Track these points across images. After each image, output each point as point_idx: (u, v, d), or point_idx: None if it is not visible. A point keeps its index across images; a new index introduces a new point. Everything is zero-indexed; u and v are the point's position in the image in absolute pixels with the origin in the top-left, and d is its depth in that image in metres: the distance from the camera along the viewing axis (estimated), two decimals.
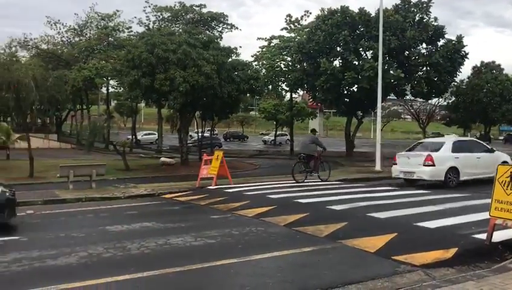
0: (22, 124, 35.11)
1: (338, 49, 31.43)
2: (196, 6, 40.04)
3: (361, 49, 31.15)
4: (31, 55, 45.47)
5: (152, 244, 8.36)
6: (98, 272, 6.88)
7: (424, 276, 6.36)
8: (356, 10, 30.83)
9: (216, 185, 16.48)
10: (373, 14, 30.33)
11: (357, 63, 30.52)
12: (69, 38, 45.88)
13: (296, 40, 35.76)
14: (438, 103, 54.01)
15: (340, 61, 31.70)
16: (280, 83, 38.79)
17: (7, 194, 10.21)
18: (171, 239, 8.70)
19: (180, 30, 31.90)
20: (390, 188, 15.73)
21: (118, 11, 43.99)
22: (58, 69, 34.03)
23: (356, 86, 30.41)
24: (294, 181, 16.60)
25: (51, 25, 44.33)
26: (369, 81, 27.51)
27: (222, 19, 40.57)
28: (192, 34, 26.41)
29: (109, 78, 43.01)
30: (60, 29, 44.88)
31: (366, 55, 31.36)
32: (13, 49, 42.86)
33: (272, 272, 6.72)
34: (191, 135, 43.75)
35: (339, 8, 30.94)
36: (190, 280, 6.55)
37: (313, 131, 18.98)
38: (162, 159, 29.14)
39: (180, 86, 22.82)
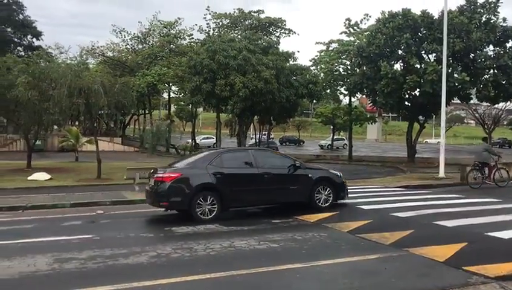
0: (90, 128, 36.95)
1: (399, 52, 30.74)
2: (254, 12, 40.55)
3: (423, 52, 30.30)
4: (97, 62, 47.82)
5: (217, 246, 8.55)
6: (167, 271, 7.15)
7: (500, 289, 6.11)
8: (418, 13, 30.05)
9: None
10: (436, 16, 29.45)
11: (419, 66, 29.70)
12: (133, 46, 47.83)
13: (356, 43, 35.31)
14: (505, 107, 51.35)
15: (402, 64, 30.98)
16: (339, 87, 38.44)
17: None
18: (235, 242, 8.86)
19: (239, 36, 32.38)
20: (456, 195, 15.17)
21: (179, 18, 45.43)
22: (124, 76, 35.52)
23: (418, 90, 29.60)
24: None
25: (116, 33, 46.47)
26: (432, 85, 26.72)
27: (280, 24, 40.80)
28: (252, 40, 26.76)
29: (170, 84, 44.36)
30: (125, 37, 46.94)
31: (429, 58, 30.45)
32: (84, 57, 45.38)
33: (338, 279, 6.70)
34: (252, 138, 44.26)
35: (400, 10, 30.26)
36: (257, 283, 6.65)
37: (485, 139, 20.37)
38: None
39: (240, 91, 23.18)
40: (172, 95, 51.65)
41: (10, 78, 23.00)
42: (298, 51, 43.51)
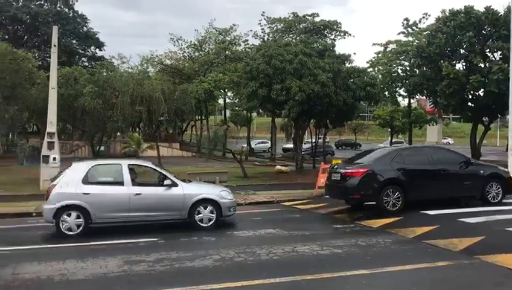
0: (151, 134, 38.15)
1: (461, 51, 29.48)
2: (309, 15, 40.38)
3: (487, 50, 28.90)
4: (156, 70, 49.35)
5: (280, 251, 8.56)
6: (232, 275, 7.24)
7: None
8: (481, 10, 28.71)
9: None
10: (501, 13, 28.00)
11: (483, 65, 28.34)
12: (190, 54, 48.94)
13: (415, 44, 34.29)
14: None
15: (464, 64, 29.70)
16: (397, 89, 37.46)
17: None
18: (298, 247, 8.83)
19: (294, 40, 32.34)
20: None
21: (234, 25, 45.92)
22: (182, 83, 36.46)
23: (482, 90, 28.23)
24: None
25: (174, 41, 47.69)
26: (498, 84, 25.39)
27: (335, 27, 40.37)
28: (307, 44, 26.62)
29: (226, 90, 44.96)
30: (182, 45, 48.07)
31: (494, 56, 28.99)
32: (144, 66, 47.00)
33: (407, 286, 6.52)
34: (307, 142, 44.02)
35: (462, 8, 29.06)
36: (323, 289, 6.59)
37: None
38: (278, 167, 29.62)
39: (296, 95, 23.07)
40: (227, 100, 52.33)
41: (77, 88, 24.20)
42: (354, 53, 42.66)
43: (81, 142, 39.06)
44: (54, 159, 19.31)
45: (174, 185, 11.03)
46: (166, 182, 11.02)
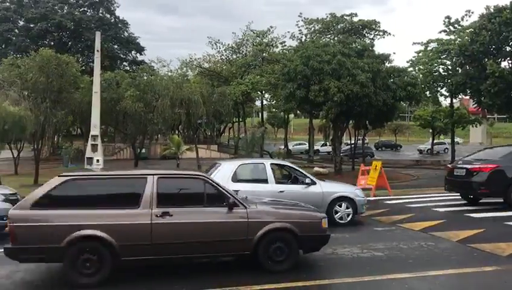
0: (190, 136, 38.72)
1: (507, 49, 28.41)
2: (347, 15, 39.94)
3: None
4: (195, 73, 50.04)
5: (319, 253, 8.48)
6: (272, 275, 7.23)
7: None
8: None
9: (375, 196, 16.13)
10: None
11: None
12: (228, 56, 49.39)
13: (457, 42, 33.30)
14: None
15: (510, 62, 28.61)
16: (439, 88, 36.47)
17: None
18: (338, 249, 8.74)
19: (332, 41, 32.07)
20: None
21: (271, 27, 46.03)
22: (220, 86, 36.84)
23: None
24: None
25: (212, 45, 48.28)
26: None
27: (374, 26, 39.78)
28: (346, 44, 26.34)
29: (264, 92, 45.06)
30: (220, 48, 48.61)
31: None
32: (183, 69, 47.78)
33: None
34: (346, 143, 43.62)
35: (508, 4, 27.98)
36: None
37: None
38: (316, 168, 29.46)
39: (335, 96, 22.88)
40: (265, 102, 52.44)
41: (119, 91, 24.85)
42: (394, 53, 41.77)
43: (123, 144, 40.05)
44: (97, 161, 19.96)
45: (313, 183, 11.39)
46: (307, 180, 11.37)
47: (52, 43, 50.33)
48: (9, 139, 21.47)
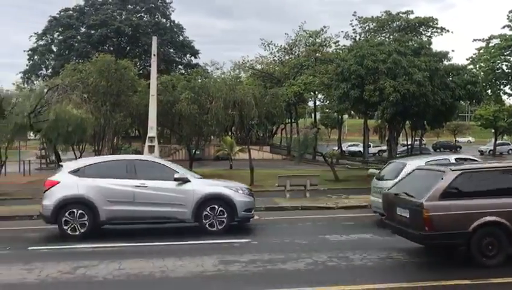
0: (243, 138, 39.02)
1: None
2: (402, 13, 38.90)
3: None
4: (247, 75, 50.43)
5: (374, 257, 8.31)
6: (324, 279, 7.16)
7: None
8: None
9: None
10: None
11: None
12: (280, 57, 49.40)
13: None
14: None
15: None
16: (502, 87, 34.76)
17: None
18: (393, 253, 8.52)
19: (388, 39, 31.33)
20: None
21: (324, 27, 45.57)
22: (272, 87, 36.92)
23: None
24: None
25: (265, 46, 48.47)
26: None
27: (431, 23, 38.51)
28: (402, 42, 25.66)
29: (316, 92, 44.68)
30: (272, 49, 48.71)
31: None
32: (236, 71, 48.33)
33: None
34: (402, 144, 42.50)
35: None
36: None
37: None
38: (370, 170, 28.78)
39: (391, 96, 22.34)
40: (318, 103, 52.02)
41: (175, 94, 25.42)
42: (453, 50, 40.35)
43: (178, 145, 40.96)
44: None
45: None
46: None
47: (112, 48, 52.41)
48: (73, 140, 22.44)
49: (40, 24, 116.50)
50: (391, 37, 35.45)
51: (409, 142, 36.20)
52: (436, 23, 38.39)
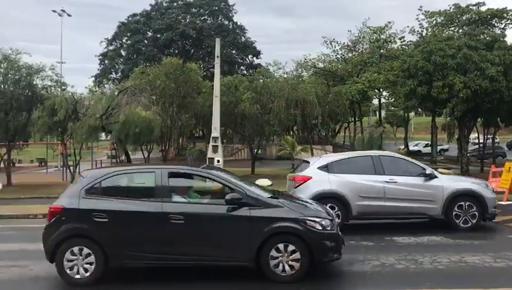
0: (304, 137, 38.89)
1: None
2: (473, 5, 36.99)
3: None
4: (309, 74, 50.08)
5: (445, 260, 7.97)
6: (392, 282, 6.97)
7: None
8: None
9: (508, 201, 14.69)
10: None
11: None
12: (343, 55, 48.65)
13: None
14: None
15: None
16: None
17: None
18: (466, 257, 8.14)
19: (457, 34, 29.95)
20: None
21: (389, 22, 44.29)
22: (335, 85, 36.50)
23: None
24: None
25: (327, 44, 47.93)
26: None
27: (505, 15, 36.31)
28: (472, 36, 24.43)
29: (381, 90, 43.57)
30: (335, 47, 48.06)
31: None
32: (298, 70, 48.16)
33: None
34: (474, 143, 40.50)
35: None
36: None
37: None
38: (439, 170, 27.64)
39: (461, 92, 21.37)
40: (382, 100, 50.74)
41: (237, 95, 25.80)
42: None
43: (240, 145, 41.49)
44: (218, 161, 20.91)
45: None
46: None
47: (177, 51, 53.91)
48: (141, 141, 23.35)
49: (110, 30, 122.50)
50: (460, 31, 33.88)
51: (481, 141, 34.28)
52: (511, 15, 36.16)
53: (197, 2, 58.50)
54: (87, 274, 6.90)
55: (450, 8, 37.64)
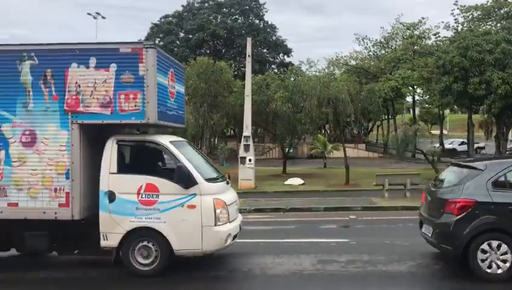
0: (337, 136, 38.53)
1: None
2: None
3: None
4: (341, 72, 49.58)
5: None
6: (428, 283, 6.85)
7: None
8: None
9: None
10: None
11: None
12: (376, 52, 47.96)
13: None
14: None
15: None
16: None
17: None
18: None
19: (495, 28, 29.01)
20: None
21: (423, 18, 43.40)
22: (368, 83, 35.99)
23: None
24: None
25: (359, 41, 47.36)
26: None
27: None
28: (511, 30, 23.64)
29: (415, 87, 42.74)
30: (367, 44, 47.44)
31: None
32: (331, 68, 47.77)
33: None
34: None
35: None
36: None
37: None
38: None
39: (499, 89, 20.74)
40: (416, 98, 49.74)
41: (269, 93, 25.72)
42: None
43: (272, 144, 41.45)
44: (250, 160, 20.93)
45: None
46: None
47: (208, 51, 54.35)
48: None
49: (143, 32, 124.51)
50: (498, 25, 32.80)
51: None
52: None
53: (228, 2, 58.71)
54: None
55: (487, 1, 36.54)
